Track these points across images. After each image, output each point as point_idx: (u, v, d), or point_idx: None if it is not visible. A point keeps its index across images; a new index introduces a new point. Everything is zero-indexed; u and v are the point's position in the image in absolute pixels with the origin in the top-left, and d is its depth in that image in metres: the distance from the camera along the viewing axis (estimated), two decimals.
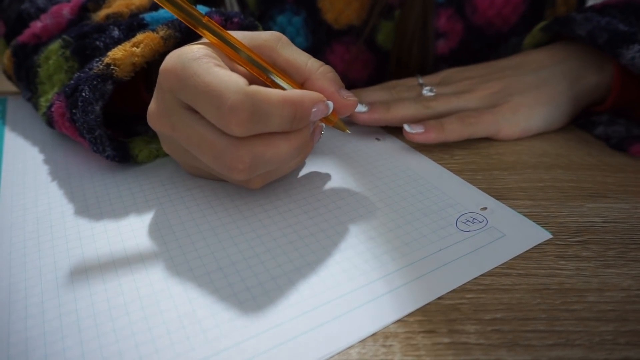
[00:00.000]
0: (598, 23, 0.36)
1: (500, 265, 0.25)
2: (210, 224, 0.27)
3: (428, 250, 0.25)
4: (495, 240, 0.26)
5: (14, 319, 0.21)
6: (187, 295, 0.23)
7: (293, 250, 0.25)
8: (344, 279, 0.24)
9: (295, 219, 0.28)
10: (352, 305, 0.22)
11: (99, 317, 0.21)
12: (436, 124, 0.35)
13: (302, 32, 0.44)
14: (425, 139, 0.35)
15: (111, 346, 0.20)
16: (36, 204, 0.29)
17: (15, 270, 0.24)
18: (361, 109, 0.36)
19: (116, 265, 0.24)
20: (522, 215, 0.28)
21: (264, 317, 0.21)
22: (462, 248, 0.26)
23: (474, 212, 0.29)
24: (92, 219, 0.28)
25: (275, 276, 0.24)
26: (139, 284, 0.23)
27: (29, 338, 0.20)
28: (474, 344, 0.20)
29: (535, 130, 0.38)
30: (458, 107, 0.37)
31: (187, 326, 0.21)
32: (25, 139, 0.37)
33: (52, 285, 0.23)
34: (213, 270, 0.24)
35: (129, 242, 0.26)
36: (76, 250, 0.25)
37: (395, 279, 0.24)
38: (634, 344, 0.20)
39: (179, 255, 0.25)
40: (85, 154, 0.35)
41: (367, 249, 0.25)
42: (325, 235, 0.26)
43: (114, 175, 0.32)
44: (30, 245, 0.26)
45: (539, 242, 0.26)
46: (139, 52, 0.30)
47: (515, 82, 0.38)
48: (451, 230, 0.27)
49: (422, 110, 0.37)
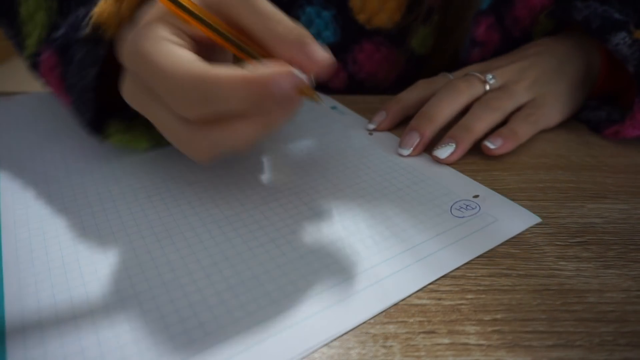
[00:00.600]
0: (595, 10, 0.38)
1: (500, 266, 0.25)
2: (213, 217, 0.28)
3: (425, 235, 0.27)
4: (488, 225, 0.28)
5: (26, 313, 0.22)
6: (196, 285, 0.23)
7: (296, 239, 0.26)
8: (347, 264, 0.24)
9: (296, 210, 0.28)
10: (358, 287, 0.23)
11: (111, 310, 0.22)
12: (510, 133, 0.35)
13: (331, 27, 0.43)
14: (505, 149, 0.35)
15: (126, 334, 0.21)
16: (38, 201, 0.29)
17: (24, 265, 0.24)
18: (371, 126, 0.37)
19: (125, 260, 0.25)
20: (512, 201, 0.30)
21: (284, 303, 0.22)
22: (457, 233, 0.27)
23: (466, 199, 0.30)
24: (95, 215, 0.28)
25: (281, 264, 0.24)
26: (147, 275, 0.24)
27: (44, 330, 0.21)
28: (474, 345, 0.20)
29: (569, 115, 0.40)
30: (518, 103, 0.37)
31: (199, 313, 0.22)
32: (19, 138, 0.37)
33: (62, 279, 0.23)
34: (220, 261, 0.25)
35: (134, 235, 0.26)
36: (82, 245, 0.26)
37: (396, 262, 0.25)
38: (634, 345, 0.20)
39: (184, 248, 0.26)
40: (83, 151, 0.35)
41: (367, 236, 0.26)
42: (327, 225, 0.27)
43: (112, 171, 0.32)
44: (36, 242, 0.26)
45: (529, 225, 0.28)
46: (125, 7, 0.28)
47: (545, 69, 0.39)
48: (446, 217, 0.28)
49: (498, 115, 0.36)
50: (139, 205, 0.29)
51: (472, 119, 0.35)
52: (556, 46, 0.41)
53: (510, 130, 0.35)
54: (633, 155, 0.36)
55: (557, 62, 0.39)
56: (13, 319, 0.21)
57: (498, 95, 0.36)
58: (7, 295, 0.23)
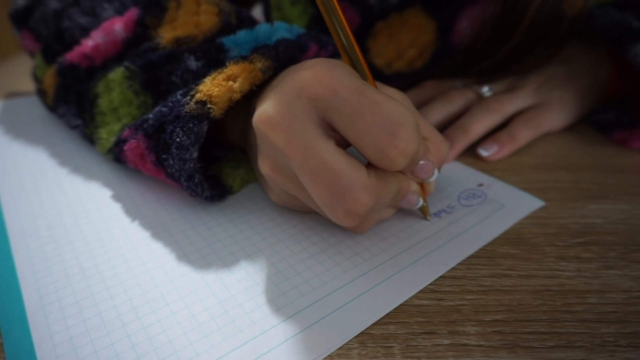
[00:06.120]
0: (613, 18, 0.37)
1: (501, 266, 0.25)
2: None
3: (439, 226, 0.27)
4: (496, 211, 0.29)
5: (51, 320, 0.21)
6: (222, 283, 0.23)
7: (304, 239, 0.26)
8: (368, 255, 0.25)
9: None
10: (379, 279, 0.24)
11: (139, 311, 0.22)
12: (507, 137, 0.35)
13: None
14: (502, 155, 0.35)
15: (159, 336, 0.20)
16: (44, 209, 0.29)
17: (41, 274, 0.24)
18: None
19: (144, 260, 0.25)
20: (515, 187, 0.31)
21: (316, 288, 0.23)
22: (468, 221, 0.28)
23: (472, 188, 0.31)
24: (106, 220, 0.28)
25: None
26: (171, 276, 0.24)
27: (73, 337, 0.21)
28: (475, 346, 0.20)
29: (576, 120, 0.39)
30: (519, 106, 0.37)
31: (230, 310, 0.22)
32: (17, 145, 0.37)
33: (83, 285, 0.23)
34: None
35: (148, 239, 0.27)
36: (98, 251, 0.26)
37: (417, 251, 0.25)
38: (635, 346, 0.20)
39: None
40: (82, 159, 0.35)
41: (381, 229, 0.27)
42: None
43: (119, 179, 0.32)
44: (49, 249, 0.26)
45: (535, 208, 0.29)
46: (237, 88, 0.26)
47: (552, 74, 0.38)
48: (455, 207, 0.29)
49: (497, 117, 0.36)
50: (147, 204, 0.29)
51: (470, 120, 0.35)
52: (565, 52, 0.39)
53: (509, 135, 0.35)
54: (634, 156, 0.36)
55: (564, 68, 0.39)
56: (37, 328, 0.21)
57: (499, 98, 0.36)
58: (28, 306, 0.22)
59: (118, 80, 0.31)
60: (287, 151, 0.22)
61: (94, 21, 0.34)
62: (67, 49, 0.35)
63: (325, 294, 0.23)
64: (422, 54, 0.41)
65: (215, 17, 0.32)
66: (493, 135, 0.35)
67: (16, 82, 1.65)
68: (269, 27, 0.30)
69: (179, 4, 0.32)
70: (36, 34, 0.37)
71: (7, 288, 0.23)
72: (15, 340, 0.20)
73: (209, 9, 0.32)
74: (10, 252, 0.26)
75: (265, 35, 0.29)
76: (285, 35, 0.29)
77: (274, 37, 0.29)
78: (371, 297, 0.22)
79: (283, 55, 0.27)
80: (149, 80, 0.30)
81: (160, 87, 0.30)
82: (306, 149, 0.21)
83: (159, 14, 0.32)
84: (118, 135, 0.30)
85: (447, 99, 0.37)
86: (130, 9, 0.33)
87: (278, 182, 0.25)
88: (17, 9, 0.38)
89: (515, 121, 0.36)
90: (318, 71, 0.22)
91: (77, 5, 0.35)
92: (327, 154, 0.21)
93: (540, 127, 0.36)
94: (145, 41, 0.32)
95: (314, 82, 0.22)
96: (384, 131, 0.21)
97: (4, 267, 0.25)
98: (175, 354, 0.20)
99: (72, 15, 0.35)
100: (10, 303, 0.22)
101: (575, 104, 0.38)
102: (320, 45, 0.29)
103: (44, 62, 0.37)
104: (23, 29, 0.38)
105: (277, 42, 0.28)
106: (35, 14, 0.37)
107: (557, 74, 0.38)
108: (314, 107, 0.22)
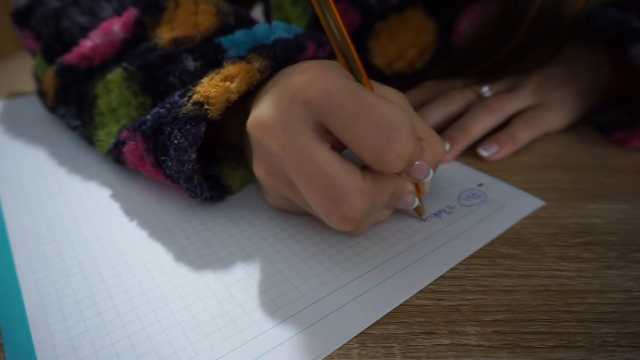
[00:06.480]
0: (613, 18, 0.37)
1: (501, 266, 0.25)
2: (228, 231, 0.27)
3: (438, 225, 0.27)
4: (496, 211, 0.29)
5: (51, 320, 0.21)
6: (222, 283, 0.23)
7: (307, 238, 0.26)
8: (368, 255, 0.25)
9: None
10: (379, 279, 0.24)
11: (139, 311, 0.22)
12: (507, 137, 0.35)
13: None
14: (502, 155, 0.35)
15: (159, 336, 0.20)
16: (44, 209, 0.29)
17: (41, 274, 0.24)
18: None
19: (144, 260, 0.25)
20: (515, 187, 0.31)
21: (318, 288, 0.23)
22: (468, 221, 0.28)
23: (472, 188, 0.31)
24: (106, 220, 0.28)
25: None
26: (171, 276, 0.24)
27: (72, 337, 0.21)
28: (475, 346, 0.20)
29: (576, 120, 0.39)
30: (520, 106, 0.37)
31: (230, 310, 0.22)
32: (17, 145, 0.37)
33: (83, 285, 0.23)
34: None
35: (147, 238, 0.26)
36: (98, 251, 0.25)
37: (416, 251, 0.25)
38: (635, 346, 0.20)
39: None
40: (82, 159, 0.35)
41: (382, 229, 0.27)
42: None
43: (119, 179, 0.32)
44: (49, 249, 0.26)
45: (535, 208, 0.29)
46: (235, 88, 0.26)
47: (552, 74, 0.38)
48: (455, 207, 0.29)
49: (496, 117, 0.35)
50: (147, 204, 0.29)
51: (470, 120, 0.35)
52: (565, 52, 0.40)
53: (509, 135, 0.35)
54: (634, 156, 0.36)
55: (565, 68, 0.39)
56: (37, 327, 0.21)
57: (499, 98, 0.36)
58: (28, 307, 0.22)
59: (116, 81, 0.31)
60: (281, 156, 0.22)
61: (93, 20, 0.34)
62: (67, 48, 0.35)
63: (325, 294, 0.23)
64: (422, 54, 0.41)
65: (213, 17, 0.32)
66: (493, 135, 0.35)
67: (16, 82, 1.65)
68: (267, 26, 0.30)
69: (177, 4, 0.32)
70: (37, 33, 0.37)
71: (7, 288, 0.23)
72: (15, 340, 0.20)
73: (207, 9, 0.32)
74: (10, 252, 0.26)
75: (263, 35, 0.29)
76: (283, 35, 0.29)
77: (272, 36, 0.29)
78: (371, 297, 0.22)
79: (281, 55, 0.27)
80: (147, 81, 0.30)
81: (159, 88, 0.30)
82: (301, 154, 0.21)
83: (157, 14, 0.32)
84: (117, 137, 0.30)
85: (447, 99, 0.37)
86: (128, 9, 0.33)
87: (273, 186, 0.25)
88: (19, 8, 0.38)
89: (515, 121, 0.36)
90: (312, 74, 0.22)
91: (77, 4, 0.35)
92: (322, 158, 0.21)
93: (540, 127, 0.36)
94: (144, 41, 0.32)
95: (309, 86, 0.21)
96: (380, 134, 0.20)
97: (4, 267, 0.25)
98: (175, 354, 0.20)
99: (71, 14, 0.35)
100: (10, 303, 0.22)
101: (576, 104, 0.38)
102: (318, 45, 0.29)
103: (45, 62, 0.37)
104: (24, 28, 0.38)
105: (274, 41, 0.28)
106: (35, 13, 0.37)
107: (557, 74, 0.38)
108: (309, 111, 0.21)
